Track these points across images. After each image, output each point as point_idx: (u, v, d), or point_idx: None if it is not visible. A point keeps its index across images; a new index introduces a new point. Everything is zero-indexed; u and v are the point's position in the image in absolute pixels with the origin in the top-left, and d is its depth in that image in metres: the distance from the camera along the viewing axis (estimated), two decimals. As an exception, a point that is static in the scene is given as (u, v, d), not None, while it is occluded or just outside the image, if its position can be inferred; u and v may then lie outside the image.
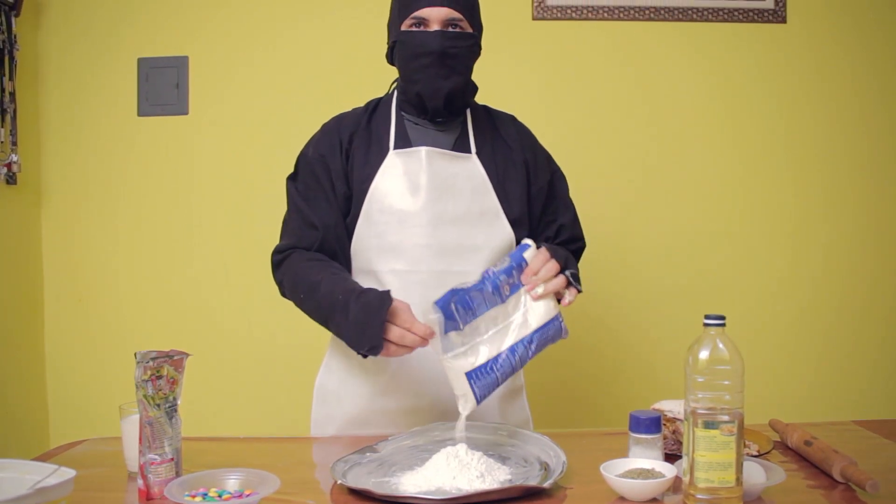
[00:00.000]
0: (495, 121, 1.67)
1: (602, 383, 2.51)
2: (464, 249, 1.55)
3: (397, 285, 1.53)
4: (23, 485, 0.96)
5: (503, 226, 1.59)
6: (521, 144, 1.65)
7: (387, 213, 1.55)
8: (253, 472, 1.24)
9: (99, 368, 2.54)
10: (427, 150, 1.56)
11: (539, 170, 1.66)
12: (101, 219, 2.55)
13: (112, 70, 2.53)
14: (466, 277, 1.50)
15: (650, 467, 1.21)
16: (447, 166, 1.57)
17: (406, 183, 1.55)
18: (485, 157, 1.60)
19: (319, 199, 1.60)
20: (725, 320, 1.09)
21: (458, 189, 1.56)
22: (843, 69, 2.51)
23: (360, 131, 1.61)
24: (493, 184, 1.58)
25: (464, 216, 1.56)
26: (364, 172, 1.57)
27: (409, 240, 1.55)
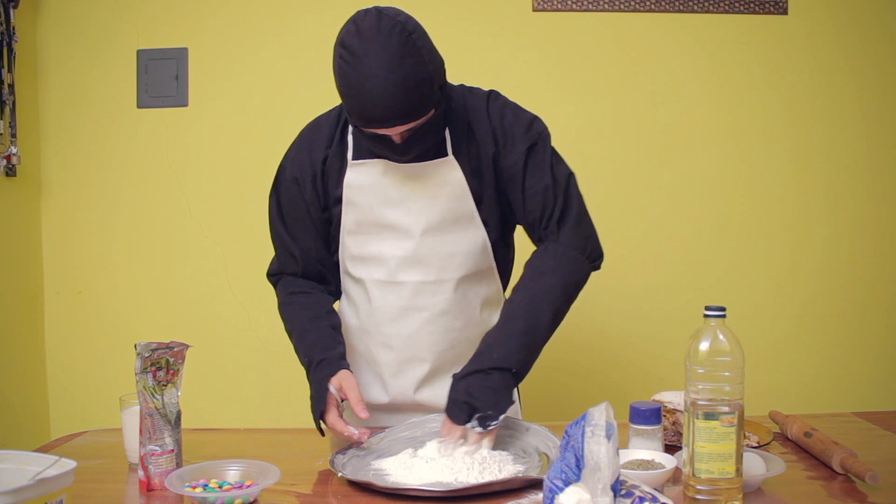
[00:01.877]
0: (468, 110, 1.52)
1: (602, 374, 2.52)
2: (440, 257, 1.52)
3: (378, 293, 1.55)
4: (23, 476, 0.96)
5: (477, 227, 1.53)
6: (490, 129, 1.50)
7: (362, 226, 1.54)
8: (253, 464, 1.24)
9: (99, 360, 2.54)
10: (384, 163, 1.49)
11: (510, 144, 1.50)
12: (101, 210, 2.55)
13: (111, 62, 2.52)
14: (443, 286, 1.53)
15: (650, 458, 1.22)
16: (416, 174, 1.49)
17: (374, 196, 1.52)
18: (462, 154, 1.50)
19: (296, 221, 1.59)
20: (726, 312, 1.09)
21: (431, 198, 1.50)
22: (844, 61, 2.50)
23: (334, 147, 1.54)
24: (469, 183, 1.50)
25: (439, 224, 1.51)
26: (339, 188, 1.54)
27: (387, 251, 1.53)
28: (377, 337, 1.58)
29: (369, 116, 1.34)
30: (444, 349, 1.54)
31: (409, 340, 1.55)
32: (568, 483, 1.00)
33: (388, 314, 1.55)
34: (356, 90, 1.33)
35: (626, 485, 1.02)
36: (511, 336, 1.39)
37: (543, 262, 1.47)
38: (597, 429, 0.97)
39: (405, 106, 1.33)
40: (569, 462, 1.00)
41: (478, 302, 1.57)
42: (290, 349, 1.56)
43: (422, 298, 1.53)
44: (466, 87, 1.57)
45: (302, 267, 1.61)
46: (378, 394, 1.60)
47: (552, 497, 1.00)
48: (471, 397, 1.32)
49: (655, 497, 0.99)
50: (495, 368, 1.35)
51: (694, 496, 1.08)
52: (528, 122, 1.53)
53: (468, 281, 1.55)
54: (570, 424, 1.02)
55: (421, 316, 1.53)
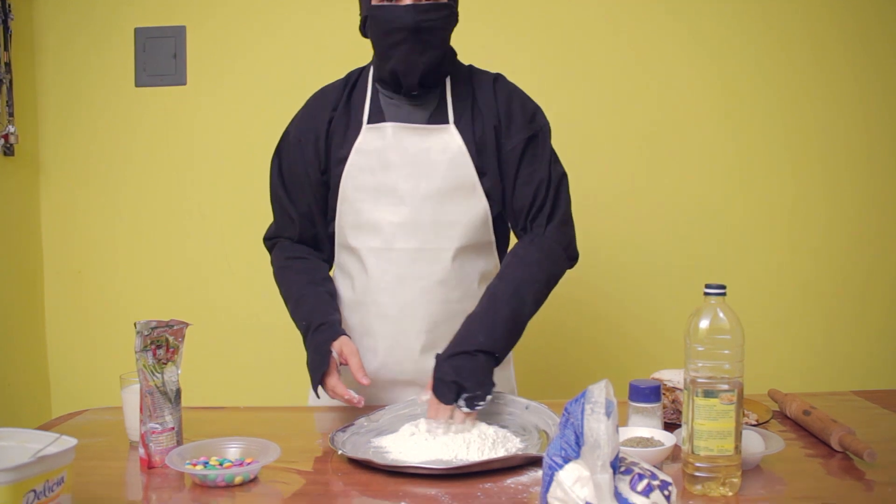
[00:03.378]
0: (474, 85, 1.57)
1: (602, 353, 2.52)
2: (439, 226, 1.52)
3: (373, 262, 1.55)
4: (24, 453, 0.96)
5: (479, 199, 1.53)
6: (494, 107, 1.55)
7: (361, 191, 1.54)
8: (254, 441, 1.25)
9: (99, 339, 2.55)
10: (394, 126, 1.52)
11: (513, 128, 1.54)
12: (100, 190, 2.54)
13: (109, 40, 2.51)
14: (441, 255, 1.52)
15: (649, 436, 1.22)
16: (419, 141, 1.52)
17: (377, 160, 1.53)
18: (464, 125, 1.53)
19: (297, 185, 1.61)
20: (726, 290, 1.09)
21: (433, 163, 1.51)
22: (843, 41, 2.47)
23: (340, 109, 1.57)
24: (471, 154, 1.52)
25: (438, 192, 1.52)
26: (342, 150, 1.56)
27: (384, 218, 1.53)
28: (372, 308, 1.56)
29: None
30: (441, 320, 1.53)
31: (405, 310, 1.54)
32: (567, 460, 1.00)
33: (383, 283, 1.54)
34: None
35: (626, 462, 1.02)
36: (497, 322, 1.41)
37: (529, 253, 1.50)
38: (596, 406, 0.97)
39: None
40: (568, 439, 1.01)
41: (476, 275, 1.57)
42: (290, 328, 1.56)
43: (419, 266, 1.53)
44: (474, 66, 1.61)
45: (299, 230, 1.63)
46: (373, 367, 1.60)
47: (552, 474, 1.00)
48: (459, 377, 1.33)
49: (655, 474, 0.99)
50: (481, 351, 1.37)
51: (693, 473, 1.09)
52: (532, 113, 1.57)
53: (466, 252, 1.55)
54: (569, 402, 1.02)
55: (418, 285, 1.53)
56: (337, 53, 2.43)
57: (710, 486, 1.08)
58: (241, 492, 1.14)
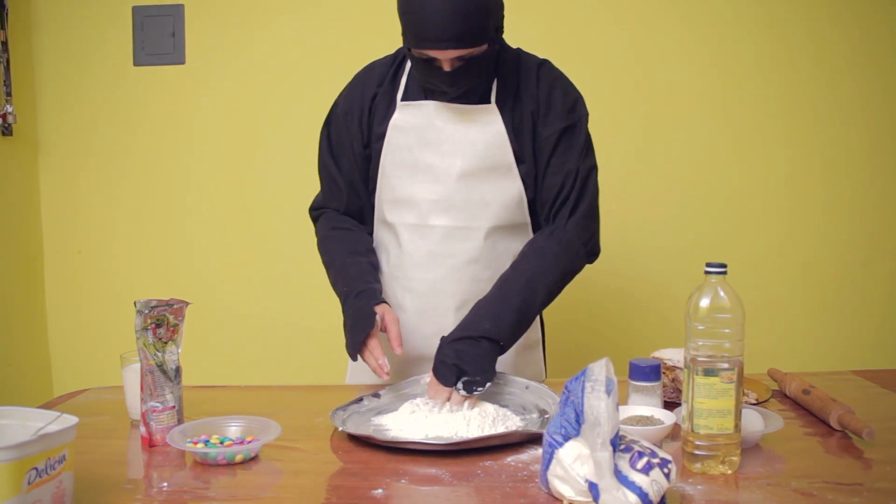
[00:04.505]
0: (520, 69, 1.55)
1: (602, 332, 2.53)
2: (472, 205, 1.53)
3: (408, 237, 1.56)
4: (26, 432, 0.97)
5: (514, 180, 1.53)
6: (534, 94, 1.53)
7: (399, 167, 1.55)
8: (254, 420, 1.25)
9: (99, 319, 2.55)
10: (435, 103, 1.52)
11: (552, 117, 1.52)
12: (100, 169, 2.54)
13: (106, 18, 2.49)
14: (473, 234, 1.52)
15: (649, 414, 1.22)
16: (458, 119, 1.51)
17: (415, 137, 1.53)
18: (506, 108, 1.52)
19: (344, 156, 1.62)
20: (727, 268, 1.09)
21: (470, 142, 1.51)
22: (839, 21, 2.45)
23: (385, 86, 1.57)
24: (510, 135, 1.51)
25: (474, 171, 1.52)
26: (382, 126, 1.56)
27: (419, 194, 1.54)
28: (403, 282, 1.58)
29: (424, 36, 1.37)
30: (470, 299, 1.50)
31: (435, 286, 1.55)
32: (567, 438, 1.00)
33: (416, 259, 1.56)
34: (416, 7, 1.36)
35: (626, 440, 1.02)
36: (506, 311, 1.41)
37: (547, 245, 1.49)
38: (597, 384, 0.97)
39: (460, 30, 1.35)
40: (568, 417, 1.01)
41: (508, 256, 1.55)
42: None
43: (451, 244, 1.53)
44: (523, 49, 1.59)
45: (346, 201, 1.64)
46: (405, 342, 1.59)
47: (552, 451, 1.01)
48: (460, 361, 1.34)
49: (654, 452, 0.99)
50: (486, 338, 1.37)
51: (692, 451, 1.09)
52: (573, 102, 1.55)
53: (499, 232, 1.55)
54: (570, 380, 1.02)
55: (448, 262, 1.54)
56: (340, 33, 2.43)
57: (709, 465, 1.08)
58: (242, 470, 1.14)
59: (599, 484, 0.95)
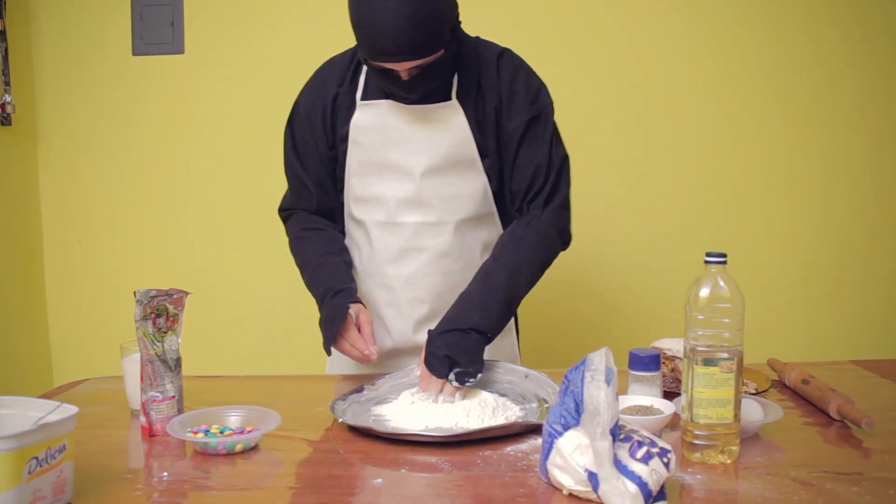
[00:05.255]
0: (479, 60, 1.53)
1: (602, 321, 2.53)
2: (441, 199, 1.53)
3: (378, 234, 1.57)
4: (26, 421, 0.97)
5: (479, 172, 1.53)
6: (496, 87, 1.51)
7: (365, 166, 1.55)
8: (254, 409, 1.25)
9: (99, 309, 2.55)
10: (392, 103, 1.49)
11: (515, 110, 1.51)
12: (99, 159, 2.53)
13: (105, 7, 2.48)
14: (443, 228, 1.53)
15: (649, 404, 1.22)
16: (420, 116, 1.50)
17: (379, 136, 1.52)
18: (468, 102, 1.50)
19: (309, 156, 1.61)
20: (726, 258, 1.09)
21: (434, 140, 1.50)
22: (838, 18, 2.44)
23: (346, 85, 1.56)
24: (472, 131, 1.50)
25: (440, 167, 1.51)
26: (346, 126, 1.55)
27: (387, 192, 1.54)
28: (377, 278, 1.59)
29: (378, 49, 1.35)
30: (443, 291, 1.55)
31: (409, 281, 1.56)
32: (567, 427, 1.01)
33: (388, 255, 1.56)
34: (367, 22, 1.34)
35: (625, 430, 1.02)
36: (492, 303, 1.42)
37: (526, 236, 1.50)
38: (596, 374, 0.98)
39: (414, 41, 1.34)
40: (568, 407, 1.01)
41: (478, 246, 1.58)
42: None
43: (421, 239, 1.54)
44: (482, 38, 1.57)
45: (316, 202, 1.63)
46: (380, 338, 1.60)
47: (551, 441, 1.01)
48: (451, 353, 1.34)
49: (654, 442, 1.00)
50: (475, 330, 1.38)
51: (692, 441, 1.09)
52: (536, 91, 1.54)
53: (468, 224, 1.55)
54: (569, 370, 1.02)
55: (420, 257, 1.55)
56: (340, 22, 2.41)
57: (709, 454, 1.09)
58: (242, 459, 1.15)
59: (599, 473, 0.95)
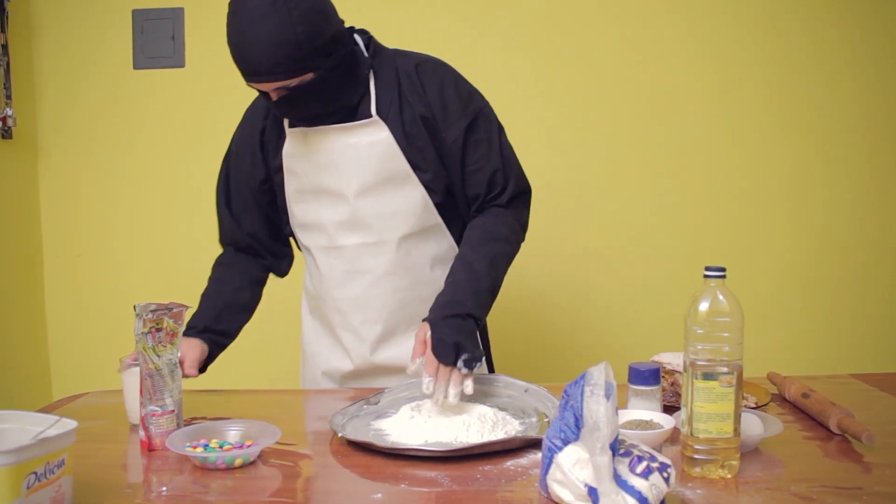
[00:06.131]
0: (398, 72, 1.51)
1: (601, 336, 2.53)
2: (378, 218, 1.53)
3: (323, 260, 1.58)
4: (25, 436, 0.97)
5: (415, 186, 1.52)
6: (421, 98, 1.50)
7: (301, 193, 1.56)
8: (253, 424, 1.25)
9: (99, 323, 2.55)
10: (311, 130, 1.50)
11: (451, 119, 1.50)
12: (99, 173, 2.54)
13: (106, 22, 2.49)
14: (384, 247, 1.53)
15: (649, 418, 1.22)
16: (344, 138, 1.50)
17: (308, 163, 1.53)
18: (390, 117, 1.49)
19: (236, 194, 1.64)
20: (726, 272, 1.09)
21: (362, 159, 1.49)
22: (841, 27, 2.46)
23: (271, 116, 1.57)
24: (400, 145, 1.49)
25: (372, 186, 1.51)
26: (277, 158, 1.57)
27: (325, 216, 1.55)
28: (329, 302, 1.60)
29: (244, 68, 1.39)
30: (395, 309, 1.55)
31: (357, 303, 1.56)
32: (567, 442, 1.00)
33: (334, 279, 1.57)
34: (233, 43, 1.38)
35: (625, 444, 1.02)
36: (481, 291, 1.43)
37: (497, 228, 1.51)
38: (596, 388, 0.97)
39: (275, 61, 1.36)
40: (568, 421, 1.01)
41: (425, 260, 1.57)
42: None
43: (364, 261, 1.55)
44: (400, 50, 1.57)
45: (235, 238, 1.66)
46: (340, 361, 1.62)
47: (551, 456, 1.01)
48: (458, 338, 1.34)
49: (654, 456, 0.99)
50: (471, 316, 1.39)
51: (692, 456, 1.09)
52: (468, 96, 1.53)
53: (412, 239, 1.55)
54: (569, 384, 1.02)
55: (366, 278, 1.55)
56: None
57: (709, 469, 1.08)
58: (241, 474, 1.14)
59: (599, 488, 0.95)
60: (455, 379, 1.32)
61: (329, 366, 1.64)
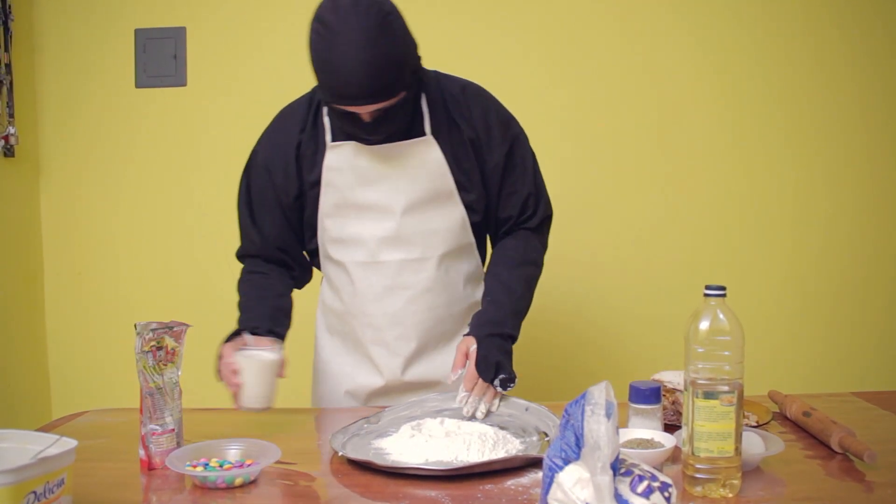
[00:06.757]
0: (445, 96, 1.54)
1: (602, 354, 2.52)
2: (422, 235, 1.54)
3: (360, 275, 1.57)
4: (25, 455, 0.96)
5: (457, 205, 1.54)
6: (468, 120, 1.53)
7: (341, 208, 1.55)
8: (253, 443, 1.25)
9: (99, 340, 2.54)
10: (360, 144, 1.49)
11: (493, 143, 1.54)
12: (100, 191, 2.54)
13: (109, 41, 2.51)
14: (425, 264, 1.54)
15: (650, 437, 1.22)
16: (395, 154, 1.50)
17: (353, 177, 1.52)
18: (441, 136, 1.51)
19: (262, 206, 1.62)
20: (726, 291, 1.09)
21: (411, 177, 1.51)
22: (844, 43, 2.47)
23: (308, 130, 1.55)
24: (449, 164, 1.51)
25: (419, 203, 1.52)
26: (314, 171, 1.55)
27: (367, 232, 1.54)
28: (362, 318, 1.59)
29: (340, 93, 1.36)
30: (430, 326, 1.56)
31: (394, 319, 1.56)
32: (567, 461, 1.00)
33: (371, 295, 1.56)
34: (329, 66, 1.34)
35: (626, 463, 1.02)
36: (518, 312, 1.50)
37: (528, 252, 1.57)
38: (597, 407, 0.97)
39: (376, 85, 1.34)
40: (568, 441, 1.01)
41: (460, 278, 1.59)
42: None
43: (405, 277, 1.55)
44: (441, 72, 1.58)
45: (261, 251, 1.64)
46: (369, 377, 1.61)
47: (552, 475, 1.00)
48: (500, 357, 1.40)
49: (655, 475, 0.99)
50: (511, 337, 1.45)
51: (693, 475, 1.09)
52: (507, 123, 1.57)
53: (450, 258, 1.57)
54: (569, 403, 1.02)
55: (405, 294, 1.55)
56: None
57: (710, 488, 1.08)
58: (242, 493, 1.14)
59: (600, 508, 0.94)
60: (488, 396, 1.38)
61: (354, 384, 1.63)
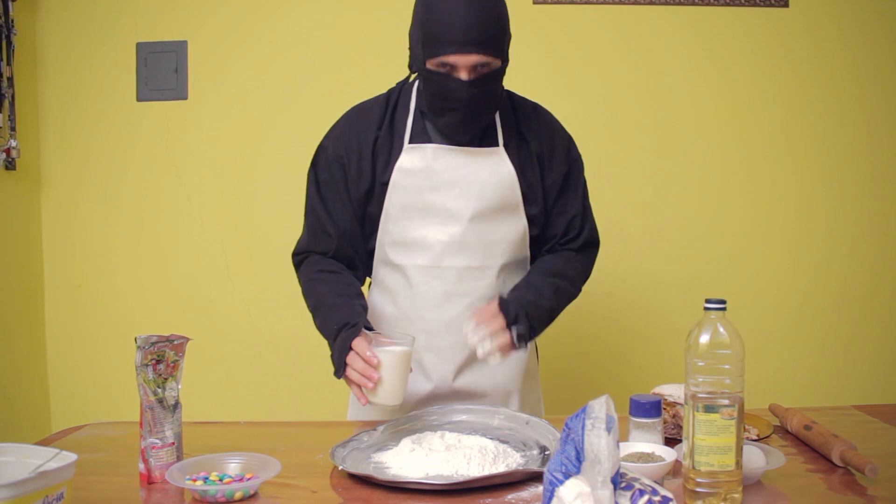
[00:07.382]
0: (517, 112, 1.60)
1: (602, 368, 2.52)
2: (485, 244, 1.55)
3: (420, 279, 1.56)
4: (24, 469, 0.96)
5: (521, 218, 1.57)
6: (537, 136, 1.59)
7: (408, 210, 1.55)
8: (253, 457, 1.25)
9: (99, 353, 2.54)
10: (440, 147, 1.52)
11: (555, 162, 1.60)
12: (101, 204, 2.55)
13: (111, 55, 2.52)
14: (486, 273, 1.56)
15: (650, 451, 1.22)
16: (468, 161, 1.53)
17: (425, 180, 1.53)
18: (511, 148, 1.56)
19: (335, 200, 1.59)
20: (726, 304, 1.09)
21: (481, 184, 1.53)
22: (845, 53, 2.49)
23: (385, 128, 1.56)
24: (518, 176, 1.55)
25: (486, 212, 1.54)
26: (387, 170, 1.55)
27: (432, 236, 1.54)
28: (418, 323, 1.57)
29: (448, 39, 1.39)
30: None
31: (450, 326, 1.55)
32: (568, 476, 1.00)
33: (430, 300, 1.56)
34: (439, 12, 1.39)
35: (627, 477, 1.02)
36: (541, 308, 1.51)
37: (564, 268, 1.61)
38: (597, 421, 0.97)
39: (483, 34, 1.40)
40: (569, 455, 1.00)
41: None
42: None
43: (466, 284, 1.55)
44: (512, 92, 1.64)
45: (336, 246, 1.60)
46: (418, 382, 1.59)
47: (552, 489, 1.00)
48: (522, 311, 1.44)
49: (655, 489, 0.99)
50: (545, 308, 1.51)
51: (694, 489, 1.09)
52: (568, 145, 1.64)
53: (509, 269, 1.59)
54: (570, 417, 1.02)
55: (463, 301, 1.55)
56: (341, 69, 2.46)
57: (710, 502, 1.08)
58: (241, 507, 1.14)
59: (600, 522, 0.94)
60: (499, 337, 1.39)
61: None
